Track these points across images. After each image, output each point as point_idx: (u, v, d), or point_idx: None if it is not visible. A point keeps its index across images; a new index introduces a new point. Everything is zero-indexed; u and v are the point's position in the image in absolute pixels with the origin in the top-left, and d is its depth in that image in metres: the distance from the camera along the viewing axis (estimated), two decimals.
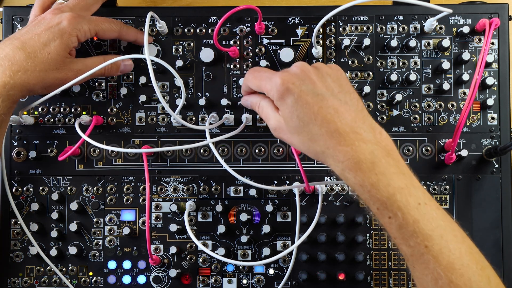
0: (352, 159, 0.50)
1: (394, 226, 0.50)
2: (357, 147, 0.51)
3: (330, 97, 0.53)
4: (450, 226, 0.51)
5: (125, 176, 0.70)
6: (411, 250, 0.50)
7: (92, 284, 0.69)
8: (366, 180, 0.50)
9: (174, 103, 0.70)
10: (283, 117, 0.55)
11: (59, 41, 0.61)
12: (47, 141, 0.70)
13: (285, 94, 0.53)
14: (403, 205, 0.49)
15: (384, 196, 0.49)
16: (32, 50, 0.60)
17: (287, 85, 0.53)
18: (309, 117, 0.52)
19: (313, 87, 0.54)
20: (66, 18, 0.62)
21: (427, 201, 0.51)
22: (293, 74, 0.55)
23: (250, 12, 0.69)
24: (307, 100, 0.53)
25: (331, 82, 0.55)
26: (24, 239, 0.69)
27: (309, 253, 0.68)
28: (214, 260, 0.68)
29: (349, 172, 0.51)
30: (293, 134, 0.55)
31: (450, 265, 0.48)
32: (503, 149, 0.65)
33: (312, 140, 0.53)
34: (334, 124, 0.51)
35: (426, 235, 0.49)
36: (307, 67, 0.56)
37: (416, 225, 0.49)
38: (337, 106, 0.53)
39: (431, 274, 0.49)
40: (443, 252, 0.49)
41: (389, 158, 0.51)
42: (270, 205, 0.68)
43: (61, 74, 0.62)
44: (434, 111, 0.69)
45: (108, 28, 0.66)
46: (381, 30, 0.70)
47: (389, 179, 0.50)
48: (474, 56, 0.69)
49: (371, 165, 0.50)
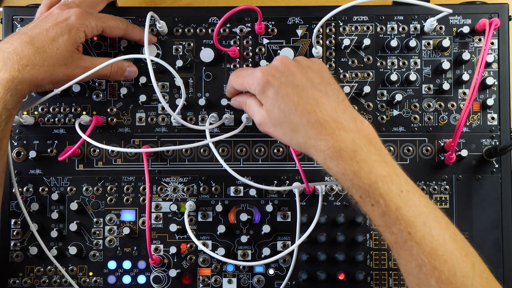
0: (333, 148, 0.51)
1: (377, 214, 0.51)
2: (338, 136, 0.51)
3: (310, 88, 0.54)
4: (433, 213, 0.51)
5: (125, 176, 0.70)
6: (395, 237, 0.50)
7: (92, 284, 0.69)
8: (347, 168, 0.50)
9: (174, 103, 0.70)
10: (266, 110, 0.56)
11: (67, 36, 0.61)
12: (47, 141, 0.70)
13: (265, 87, 0.54)
14: (385, 192, 0.50)
15: (366, 183, 0.50)
16: (40, 45, 0.60)
17: (267, 77, 0.54)
18: (290, 108, 0.53)
19: (293, 79, 0.55)
20: (74, 13, 0.62)
21: (410, 188, 0.51)
22: (273, 67, 0.56)
23: (250, 12, 0.69)
24: (287, 91, 0.53)
25: (311, 73, 0.57)
26: (24, 239, 0.69)
27: (309, 253, 0.68)
28: (214, 260, 0.69)
29: (330, 161, 0.51)
30: (276, 127, 0.56)
31: (433, 251, 0.49)
32: (503, 149, 0.65)
33: (294, 131, 0.54)
34: (315, 114, 0.52)
35: (408, 222, 0.49)
36: (287, 60, 0.57)
37: (398, 212, 0.49)
38: (317, 97, 0.53)
39: (415, 261, 0.49)
40: (426, 238, 0.49)
41: (370, 147, 0.52)
42: (270, 205, 0.68)
43: (69, 70, 0.62)
44: (434, 111, 0.69)
45: (114, 25, 0.66)
46: (381, 30, 0.70)
47: (370, 166, 0.50)
48: (474, 56, 0.69)
49: (352, 153, 0.51)
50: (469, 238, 0.67)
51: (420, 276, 0.49)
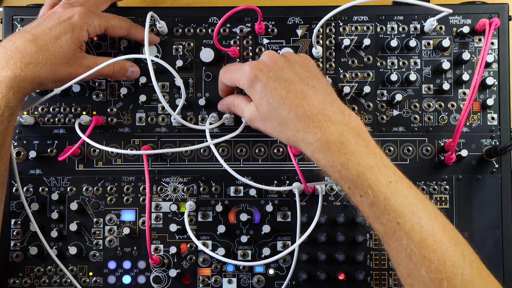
0: (321, 140, 0.51)
1: (366, 205, 0.51)
2: (325, 129, 0.52)
3: (298, 82, 0.55)
4: (422, 203, 0.51)
5: (125, 176, 0.70)
6: (384, 228, 0.51)
7: (92, 284, 0.69)
8: (336, 160, 0.51)
9: (174, 103, 0.70)
10: (255, 104, 0.57)
11: (70, 35, 0.61)
12: (47, 141, 0.70)
13: (254, 81, 0.55)
14: (373, 183, 0.50)
15: (354, 174, 0.51)
16: (43, 43, 0.60)
17: (255, 72, 0.55)
18: (278, 101, 0.54)
19: (280, 73, 0.56)
20: (77, 12, 0.62)
21: (398, 179, 0.52)
22: (261, 62, 0.57)
23: (250, 12, 0.69)
24: (275, 85, 0.54)
25: (299, 68, 0.58)
26: (24, 239, 0.69)
27: (309, 253, 0.68)
28: (214, 260, 0.69)
29: (319, 153, 0.52)
30: (265, 121, 0.56)
31: (423, 241, 0.49)
32: (503, 149, 0.65)
33: (283, 124, 0.54)
34: (302, 107, 0.53)
35: (397, 212, 0.50)
36: (275, 55, 0.58)
37: (387, 202, 0.50)
38: (305, 90, 0.54)
39: (404, 251, 0.50)
40: (415, 228, 0.49)
41: (358, 139, 0.52)
42: (270, 205, 0.68)
43: (71, 69, 0.62)
44: (434, 111, 0.69)
45: (118, 25, 0.66)
46: (381, 30, 0.70)
47: (358, 158, 0.51)
48: (474, 56, 0.69)
49: (340, 145, 0.51)
50: (469, 238, 0.67)
51: (410, 266, 0.50)
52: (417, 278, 0.49)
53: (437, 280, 0.48)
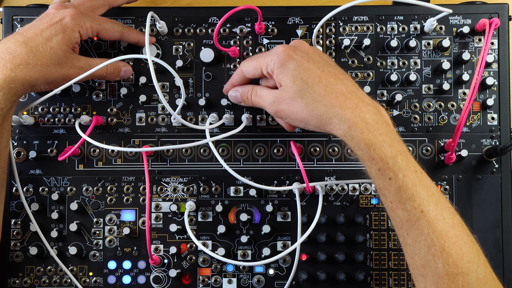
0: (359, 116, 0.53)
1: (394, 188, 0.51)
2: (362, 107, 0.54)
3: (329, 65, 0.58)
4: (443, 197, 0.53)
5: (125, 176, 0.70)
6: (407, 215, 0.51)
7: (92, 284, 0.69)
8: (371, 139, 0.52)
9: (174, 103, 0.70)
10: (285, 83, 0.57)
11: (61, 36, 0.61)
12: (47, 141, 0.70)
13: (287, 60, 0.57)
14: (404, 168, 0.51)
15: (388, 155, 0.51)
16: (34, 45, 0.60)
17: (288, 51, 0.58)
18: (313, 79, 0.56)
19: (312, 55, 0.59)
20: (69, 13, 0.62)
21: (421, 171, 0.53)
22: (293, 46, 0.59)
23: (250, 12, 0.69)
24: (309, 65, 0.57)
25: (326, 57, 0.60)
26: (24, 239, 0.69)
27: (309, 253, 0.68)
28: (214, 260, 0.68)
29: (355, 130, 0.52)
30: (294, 100, 0.57)
31: (445, 232, 0.50)
32: (503, 149, 0.65)
33: (317, 100, 0.55)
34: (339, 86, 0.55)
35: (422, 200, 0.51)
36: (305, 42, 0.61)
37: (414, 189, 0.51)
38: (337, 73, 0.57)
39: (424, 240, 0.50)
40: (438, 218, 0.50)
41: (387, 125, 0.54)
42: (270, 205, 0.68)
43: (63, 70, 0.62)
44: (434, 111, 0.69)
45: (110, 28, 0.66)
46: (381, 30, 0.70)
47: (391, 141, 0.52)
48: (474, 56, 0.69)
49: (376, 126, 0.53)
50: None
51: (427, 257, 0.50)
52: (432, 269, 0.50)
53: (452, 274, 0.49)
